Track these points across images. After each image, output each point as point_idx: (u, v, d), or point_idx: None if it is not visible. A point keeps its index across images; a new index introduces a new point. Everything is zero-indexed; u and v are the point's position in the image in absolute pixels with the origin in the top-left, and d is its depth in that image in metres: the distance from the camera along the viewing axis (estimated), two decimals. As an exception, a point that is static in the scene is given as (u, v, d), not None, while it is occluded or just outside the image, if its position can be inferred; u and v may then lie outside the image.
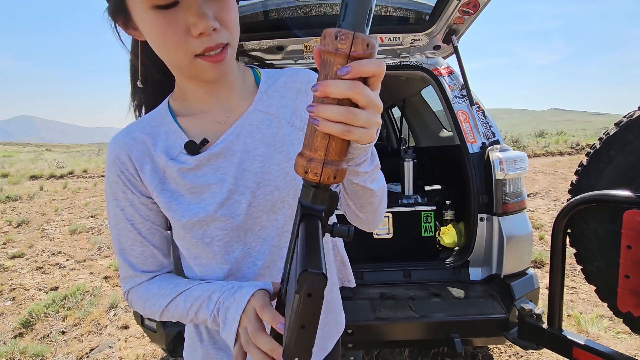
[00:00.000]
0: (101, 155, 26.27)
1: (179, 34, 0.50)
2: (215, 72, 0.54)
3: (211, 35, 0.51)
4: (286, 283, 0.45)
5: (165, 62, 0.56)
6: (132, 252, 0.63)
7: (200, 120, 0.63)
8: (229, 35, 0.54)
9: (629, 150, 1.22)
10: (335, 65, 0.36)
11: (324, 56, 0.37)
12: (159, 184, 0.60)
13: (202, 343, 0.68)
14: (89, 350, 2.36)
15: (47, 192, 8.91)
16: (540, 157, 13.34)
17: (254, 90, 0.66)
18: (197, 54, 0.52)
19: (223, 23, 0.52)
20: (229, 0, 0.53)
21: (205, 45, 0.51)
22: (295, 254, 0.41)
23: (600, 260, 1.28)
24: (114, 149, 0.60)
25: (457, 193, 2.27)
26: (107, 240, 4.78)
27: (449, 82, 2.03)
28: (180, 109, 0.64)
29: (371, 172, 0.53)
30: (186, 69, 0.55)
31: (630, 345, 2.19)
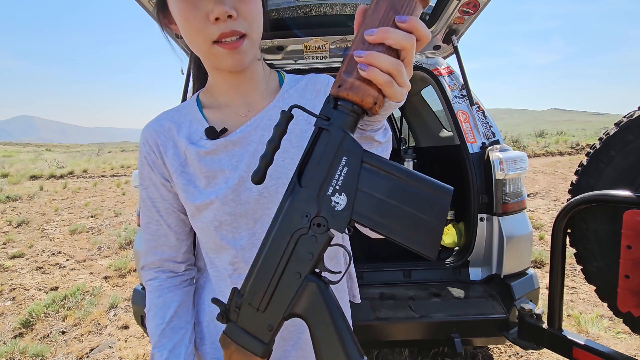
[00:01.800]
0: (101, 155, 26.26)
1: (199, 19, 0.53)
2: (231, 60, 0.56)
3: (226, 22, 0.53)
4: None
5: (193, 49, 0.59)
6: (148, 230, 0.68)
7: (223, 112, 0.67)
8: (247, 26, 0.55)
9: (629, 150, 1.22)
10: (405, 7, 0.37)
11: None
12: (179, 166, 0.64)
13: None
14: (89, 350, 2.36)
15: (47, 192, 8.91)
16: (540, 157, 13.34)
17: (276, 91, 0.69)
18: (215, 41, 0.54)
19: (241, 13, 0.54)
20: None
21: (220, 30, 0.53)
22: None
23: (600, 260, 1.28)
24: (144, 134, 0.66)
25: (457, 193, 2.26)
26: (107, 240, 4.78)
27: (449, 82, 2.03)
28: (207, 101, 0.68)
29: (385, 144, 0.53)
30: (206, 56, 0.58)
31: (630, 345, 2.19)
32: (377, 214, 0.40)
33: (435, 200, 0.39)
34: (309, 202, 0.42)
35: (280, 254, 0.44)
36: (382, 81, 0.38)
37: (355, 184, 0.40)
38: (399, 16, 0.38)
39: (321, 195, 0.42)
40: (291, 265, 0.43)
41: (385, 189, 0.40)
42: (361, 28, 0.40)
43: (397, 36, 0.37)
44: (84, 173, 12.99)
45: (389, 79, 0.38)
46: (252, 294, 0.46)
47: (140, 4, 1.57)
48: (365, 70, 0.38)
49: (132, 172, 1.90)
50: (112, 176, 12.34)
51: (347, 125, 0.41)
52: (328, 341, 0.43)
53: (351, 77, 0.39)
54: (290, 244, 0.43)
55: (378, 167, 0.40)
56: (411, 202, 0.39)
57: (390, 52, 0.38)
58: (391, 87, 0.38)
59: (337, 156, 0.41)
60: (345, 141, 0.41)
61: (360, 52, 0.38)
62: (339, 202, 0.41)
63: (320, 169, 0.42)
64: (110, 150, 38.84)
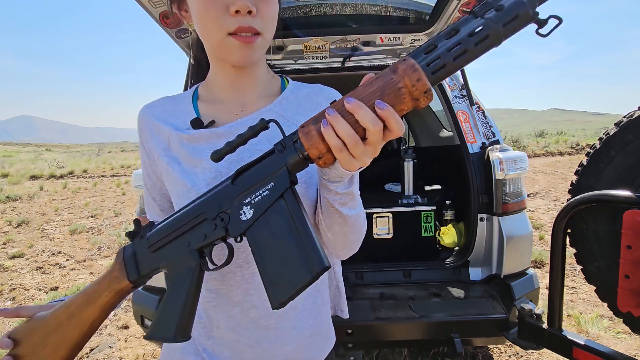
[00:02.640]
0: (101, 155, 26.26)
1: (218, 9, 0.54)
2: (242, 54, 0.57)
3: (245, 17, 0.54)
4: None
5: (203, 39, 0.60)
6: (144, 195, 0.74)
7: (216, 107, 0.67)
8: (263, 25, 0.57)
9: (629, 150, 1.22)
10: (391, 96, 0.41)
11: (385, 80, 0.41)
12: (162, 150, 0.65)
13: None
14: (89, 350, 2.36)
15: (47, 192, 8.91)
16: (540, 157, 13.34)
17: (276, 95, 0.68)
18: (230, 33, 0.55)
19: (260, 11, 0.55)
20: None
21: (239, 24, 0.54)
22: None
23: (600, 260, 1.28)
24: (139, 116, 0.69)
25: (457, 193, 2.27)
26: (107, 240, 4.78)
27: (449, 82, 2.03)
28: (204, 94, 0.69)
29: (343, 195, 0.53)
30: (217, 46, 0.58)
31: (630, 345, 2.19)
32: (262, 241, 0.47)
33: (302, 268, 0.45)
34: (228, 198, 0.49)
35: (187, 221, 0.52)
36: (332, 143, 0.42)
37: (264, 209, 0.47)
38: (379, 101, 0.41)
39: (238, 200, 0.48)
40: (187, 235, 0.52)
41: (280, 227, 0.46)
42: (350, 92, 0.43)
43: (366, 116, 0.40)
44: (84, 173, 12.99)
45: (341, 145, 0.42)
46: (154, 235, 0.54)
47: (140, 4, 1.57)
48: (324, 126, 0.42)
49: (132, 172, 1.90)
50: (112, 176, 12.34)
51: (291, 160, 0.46)
52: (166, 309, 0.53)
53: (313, 126, 0.44)
54: (197, 219, 0.51)
55: (288, 209, 0.46)
56: (286, 253, 0.46)
57: (356, 126, 0.42)
58: (340, 153, 0.42)
59: (268, 179, 0.47)
60: (280, 172, 0.46)
61: (330, 111, 0.42)
62: (245, 213, 0.48)
63: (252, 180, 0.48)
64: (110, 150, 38.83)
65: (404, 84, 0.40)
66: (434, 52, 0.41)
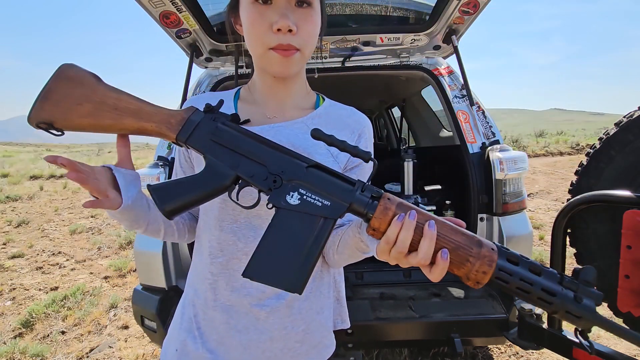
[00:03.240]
0: (101, 155, 26.25)
1: (263, 26, 0.60)
2: (280, 67, 0.63)
3: (286, 35, 0.60)
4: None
5: (249, 49, 0.66)
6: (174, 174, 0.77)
7: (253, 109, 0.72)
8: (302, 43, 0.62)
9: (629, 150, 1.22)
10: (456, 254, 0.47)
11: (467, 244, 0.47)
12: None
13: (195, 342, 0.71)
14: (89, 350, 2.36)
15: (47, 192, 8.91)
16: (540, 157, 13.34)
17: (309, 109, 0.74)
18: (271, 47, 0.61)
19: (300, 30, 0.61)
20: (313, 17, 0.63)
21: (279, 41, 0.60)
22: None
23: (600, 260, 1.28)
24: (188, 104, 0.72)
25: (457, 193, 2.27)
26: (107, 240, 4.78)
27: (449, 82, 2.03)
28: (245, 96, 0.75)
29: (367, 246, 0.59)
30: (260, 58, 0.64)
31: (630, 345, 2.18)
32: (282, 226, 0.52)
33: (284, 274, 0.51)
34: (293, 173, 0.53)
35: (253, 152, 0.56)
36: (388, 234, 0.48)
37: (306, 212, 0.51)
38: (445, 251, 0.46)
39: (297, 183, 0.53)
40: (242, 159, 0.56)
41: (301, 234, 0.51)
42: (440, 218, 0.49)
43: (427, 248, 0.46)
44: (84, 173, 12.98)
45: (392, 241, 0.47)
46: (223, 132, 0.58)
47: (140, 4, 1.57)
48: (397, 219, 0.47)
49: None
50: (112, 176, 12.33)
51: (356, 206, 0.51)
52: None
53: (394, 209, 0.49)
54: (260, 159, 0.55)
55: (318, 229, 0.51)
56: (287, 253, 0.51)
57: (415, 242, 0.47)
58: (386, 244, 0.48)
59: (330, 197, 0.51)
60: (341, 203, 0.51)
61: (412, 215, 0.47)
62: (292, 197, 0.52)
63: (319, 183, 0.52)
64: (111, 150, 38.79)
65: (474, 262, 0.45)
66: (512, 268, 0.45)
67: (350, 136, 0.72)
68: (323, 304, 0.75)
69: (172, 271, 1.77)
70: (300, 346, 0.71)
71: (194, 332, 0.70)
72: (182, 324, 0.72)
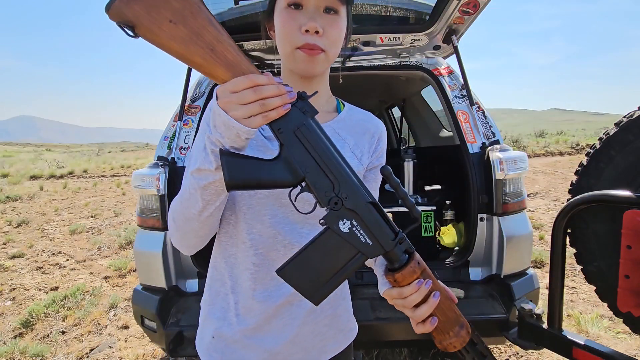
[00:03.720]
0: (101, 155, 26.25)
1: (293, 28, 0.66)
2: (306, 65, 0.67)
3: (313, 36, 0.65)
4: None
5: (279, 51, 0.71)
6: (193, 163, 0.71)
7: None
8: (328, 44, 0.67)
9: (629, 150, 1.22)
10: (443, 319, 0.60)
11: (452, 317, 0.61)
12: None
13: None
14: (89, 350, 2.36)
15: (47, 192, 8.91)
16: (540, 157, 13.34)
17: (332, 113, 0.79)
18: (298, 46, 0.65)
19: (326, 33, 0.66)
20: (339, 23, 0.68)
21: (306, 41, 0.65)
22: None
23: (600, 260, 1.28)
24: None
25: (457, 193, 2.27)
26: (107, 240, 4.78)
27: (449, 82, 2.03)
28: None
29: None
30: (288, 58, 0.69)
31: (630, 345, 2.19)
32: (324, 244, 0.56)
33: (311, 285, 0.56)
34: (353, 202, 0.55)
35: (330, 164, 0.55)
36: (405, 291, 0.57)
37: (350, 240, 0.55)
38: (434, 319, 0.59)
39: (352, 214, 0.56)
40: (314, 166, 0.55)
41: (337, 256, 0.56)
42: (450, 292, 0.60)
43: (421, 313, 0.58)
44: (84, 173, 12.99)
45: (411, 299, 0.57)
46: (309, 132, 0.55)
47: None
48: (417, 283, 0.57)
49: (132, 172, 1.90)
50: (112, 176, 12.34)
51: (391, 255, 0.57)
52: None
53: (418, 273, 0.57)
54: (330, 175, 0.55)
55: (352, 262, 0.56)
56: (319, 268, 0.55)
57: (423, 299, 0.58)
58: (402, 298, 0.58)
59: (372, 238, 0.56)
60: (379, 247, 0.56)
61: (428, 284, 0.57)
62: (345, 225, 0.55)
63: (370, 222, 0.56)
64: (110, 150, 38.81)
65: (451, 336, 0.59)
66: (472, 348, 0.61)
67: (370, 139, 0.79)
68: (346, 290, 0.85)
69: (172, 271, 1.78)
70: (327, 330, 0.79)
71: (230, 319, 0.74)
72: (215, 313, 0.76)
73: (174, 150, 1.86)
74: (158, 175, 1.71)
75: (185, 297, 1.79)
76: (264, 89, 0.49)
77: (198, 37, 0.49)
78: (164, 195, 1.71)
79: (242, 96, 0.49)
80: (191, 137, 1.90)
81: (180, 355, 1.57)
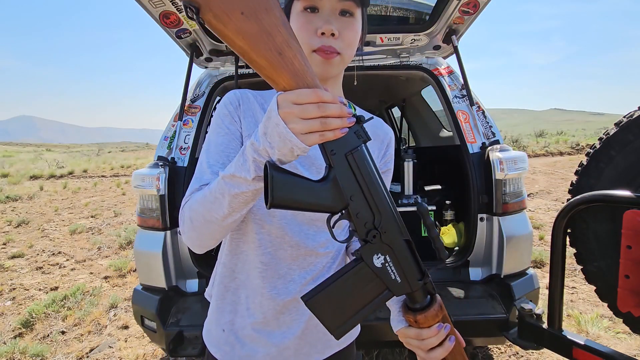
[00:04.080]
0: (101, 155, 26.25)
1: (309, 30, 0.66)
2: (322, 68, 0.68)
3: (329, 38, 0.66)
4: None
5: None
6: (214, 156, 0.69)
7: None
8: (343, 47, 0.67)
9: (629, 150, 1.22)
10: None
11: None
12: (251, 134, 0.69)
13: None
14: (89, 350, 2.36)
15: (47, 192, 8.91)
16: (540, 157, 13.35)
17: None
18: (314, 49, 0.66)
19: (342, 35, 0.67)
20: (354, 25, 0.69)
21: (322, 43, 0.66)
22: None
23: (600, 260, 1.28)
24: (230, 96, 0.74)
25: (457, 193, 2.27)
26: (107, 240, 4.78)
27: (449, 82, 2.03)
28: None
29: None
30: None
31: (630, 345, 2.19)
32: (354, 278, 0.54)
33: (336, 319, 0.54)
34: (389, 237, 0.54)
35: (377, 196, 0.53)
36: (421, 335, 0.58)
37: (381, 276, 0.55)
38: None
39: (387, 250, 0.55)
40: (360, 194, 0.53)
41: (364, 291, 0.55)
42: (460, 344, 0.61)
43: (435, 356, 0.59)
44: (84, 173, 12.99)
45: (418, 338, 0.59)
46: (362, 158, 0.52)
47: (140, 4, 1.57)
48: (437, 328, 0.59)
49: (132, 172, 1.90)
50: (112, 176, 12.34)
51: (416, 296, 0.57)
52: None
53: (439, 317, 0.58)
54: (373, 206, 0.53)
55: (378, 300, 0.56)
56: (345, 302, 0.54)
57: (435, 345, 0.59)
58: (412, 336, 0.60)
59: (400, 276, 0.55)
60: (404, 289, 0.56)
61: (447, 329, 0.59)
62: (378, 260, 0.54)
63: (402, 260, 0.55)
64: (110, 150, 38.82)
65: None
66: None
67: (380, 146, 0.81)
68: None
69: (172, 271, 1.78)
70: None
71: (242, 312, 0.75)
72: (226, 307, 0.77)
73: (174, 150, 1.86)
74: (158, 175, 1.71)
75: (185, 297, 1.79)
76: (328, 106, 0.47)
77: (268, 37, 0.45)
78: (164, 195, 1.71)
79: (305, 110, 0.46)
80: (191, 137, 1.90)
81: (180, 355, 1.57)
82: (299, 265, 0.74)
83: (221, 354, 0.77)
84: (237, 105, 0.73)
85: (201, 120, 1.95)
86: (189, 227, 0.64)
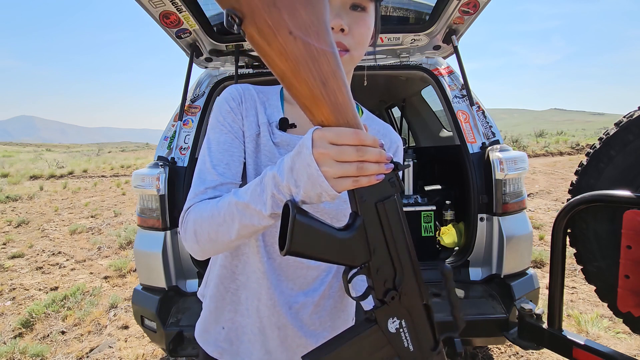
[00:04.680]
0: (101, 155, 26.24)
1: None
2: None
3: (338, 34, 0.61)
4: None
5: None
6: (217, 156, 0.66)
7: (299, 112, 0.71)
8: (353, 43, 0.62)
9: (629, 150, 1.22)
10: None
11: None
12: (253, 133, 0.69)
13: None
14: (89, 350, 2.36)
15: (47, 192, 8.91)
16: (540, 157, 13.34)
17: None
18: None
19: (351, 31, 0.62)
20: (366, 20, 0.64)
21: None
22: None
23: (600, 260, 1.28)
24: (231, 91, 0.71)
25: (457, 193, 2.27)
26: (107, 240, 4.78)
27: (449, 82, 2.03)
28: (289, 96, 0.74)
29: None
30: None
31: (630, 345, 2.19)
32: (368, 345, 0.48)
33: None
34: (409, 304, 0.49)
35: (399, 254, 0.49)
36: None
37: (393, 341, 0.49)
38: None
39: (405, 315, 0.50)
40: (383, 247, 0.48)
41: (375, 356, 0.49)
42: None
43: None
44: (84, 173, 12.99)
45: None
46: (392, 207, 0.48)
47: (140, 4, 1.57)
48: None
49: (132, 172, 1.90)
50: (112, 176, 12.34)
51: None
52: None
53: None
54: (397, 264, 0.49)
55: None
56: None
57: None
58: None
59: (415, 338, 0.51)
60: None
61: None
62: (394, 325, 0.49)
63: (419, 328, 0.51)
64: (110, 150, 38.82)
65: None
66: None
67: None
68: (347, 301, 0.83)
69: (172, 271, 1.78)
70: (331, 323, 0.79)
71: (242, 311, 0.75)
72: (226, 307, 0.76)
73: (174, 150, 1.86)
74: (158, 175, 1.71)
75: (185, 297, 1.79)
76: (368, 150, 0.42)
77: (314, 63, 0.39)
78: (164, 195, 1.71)
79: (343, 152, 0.41)
80: (191, 137, 1.90)
81: (180, 355, 1.57)
82: (297, 275, 0.74)
83: (219, 351, 0.76)
84: (239, 101, 0.70)
85: (201, 120, 1.95)
86: (191, 239, 0.62)
